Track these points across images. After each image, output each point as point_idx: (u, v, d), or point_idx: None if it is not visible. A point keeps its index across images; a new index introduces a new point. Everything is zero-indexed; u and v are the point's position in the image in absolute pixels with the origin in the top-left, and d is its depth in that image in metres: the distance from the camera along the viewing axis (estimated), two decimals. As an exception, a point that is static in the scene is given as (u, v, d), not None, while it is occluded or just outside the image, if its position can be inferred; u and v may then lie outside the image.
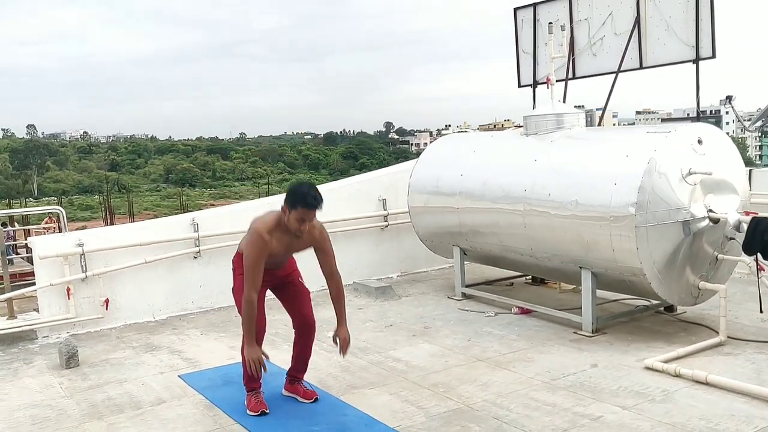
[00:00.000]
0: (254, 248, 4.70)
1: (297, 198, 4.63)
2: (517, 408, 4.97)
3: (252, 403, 5.10)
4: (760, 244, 5.73)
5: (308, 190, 4.67)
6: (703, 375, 5.21)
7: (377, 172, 9.98)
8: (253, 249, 4.70)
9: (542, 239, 6.76)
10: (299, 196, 4.64)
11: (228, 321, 7.70)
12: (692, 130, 6.18)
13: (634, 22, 9.11)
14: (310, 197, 4.64)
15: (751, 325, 6.53)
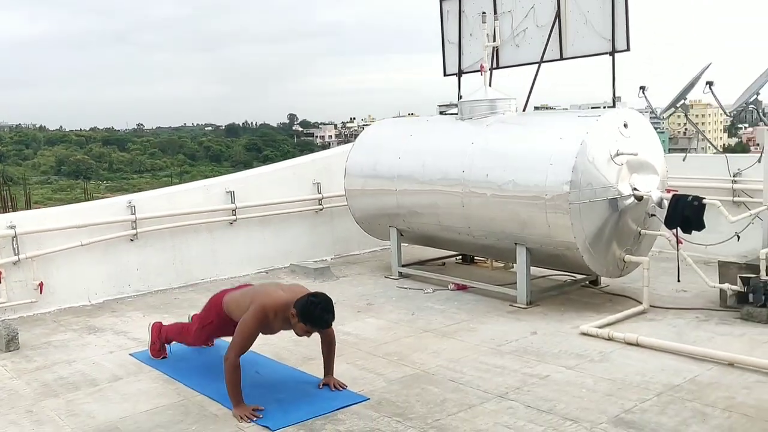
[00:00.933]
0: (255, 323, 4.69)
1: (312, 319, 4.60)
2: (469, 371, 5.30)
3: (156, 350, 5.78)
4: (680, 218, 6.29)
5: (322, 314, 4.63)
6: (634, 337, 5.70)
7: (311, 156, 10.13)
8: (253, 323, 4.68)
9: (479, 218, 7.12)
10: (315, 318, 4.61)
11: (168, 303, 7.68)
12: (619, 114, 6.69)
13: (555, 16, 9.61)
14: (324, 321, 4.66)
15: (667, 296, 7.13)
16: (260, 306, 4.72)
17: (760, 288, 6.07)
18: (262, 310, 4.71)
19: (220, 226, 8.68)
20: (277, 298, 4.77)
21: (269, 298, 4.77)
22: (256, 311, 4.71)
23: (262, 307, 4.72)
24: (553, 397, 4.74)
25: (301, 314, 4.60)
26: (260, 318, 4.70)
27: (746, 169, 8.12)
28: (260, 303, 4.74)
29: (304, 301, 4.63)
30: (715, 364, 5.19)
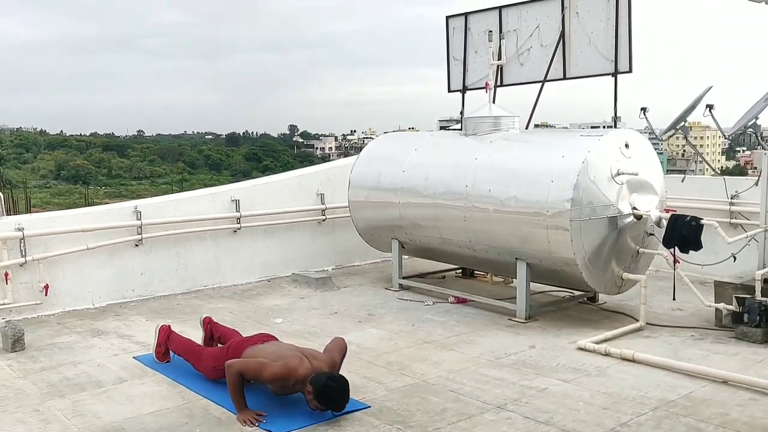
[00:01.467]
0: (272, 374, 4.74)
1: (327, 402, 4.65)
2: (469, 382, 5.39)
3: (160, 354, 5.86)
4: (677, 238, 6.41)
5: (337, 398, 4.66)
6: (630, 353, 5.80)
7: (316, 167, 10.26)
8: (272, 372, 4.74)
9: (481, 232, 7.24)
10: (330, 402, 4.66)
11: (170, 309, 7.77)
12: (621, 134, 6.83)
13: (559, 36, 9.79)
14: (338, 406, 4.70)
15: (663, 314, 7.24)
16: (289, 369, 4.74)
17: (755, 308, 6.18)
18: (288, 373, 4.73)
19: (224, 233, 8.79)
20: (303, 370, 4.75)
21: (300, 368, 4.76)
22: (283, 370, 4.73)
23: (290, 371, 4.73)
24: (550, 409, 4.84)
25: (317, 394, 4.63)
26: (282, 375, 4.74)
27: (744, 192, 8.24)
28: (292, 367, 4.75)
29: (322, 382, 4.64)
30: (710, 381, 5.29)
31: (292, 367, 4.76)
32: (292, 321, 7.22)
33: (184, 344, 5.81)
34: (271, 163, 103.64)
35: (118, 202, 10.46)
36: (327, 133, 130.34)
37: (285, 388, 4.85)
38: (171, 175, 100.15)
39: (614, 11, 9.29)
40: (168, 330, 5.94)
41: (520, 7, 10.30)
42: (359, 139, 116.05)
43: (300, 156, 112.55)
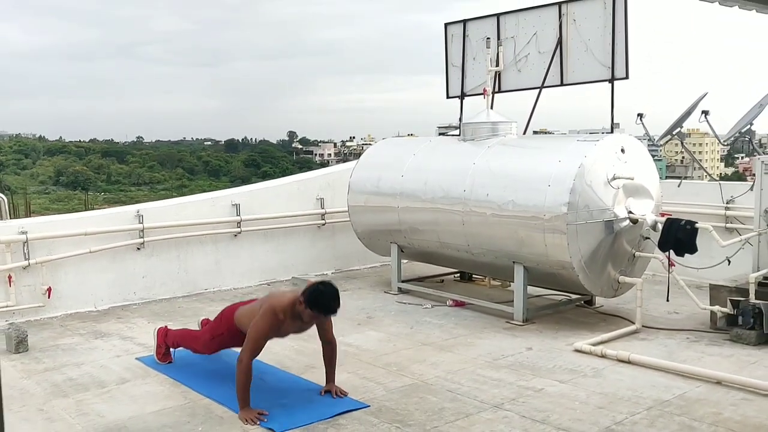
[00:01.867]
0: (266, 324, 4.90)
1: (319, 303, 4.80)
2: (467, 383, 5.48)
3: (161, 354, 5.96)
4: (673, 241, 6.50)
5: (331, 301, 4.83)
6: (626, 354, 5.89)
7: (315, 172, 10.35)
8: (264, 325, 4.90)
9: (479, 236, 7.33)
10: (323, 304, 4.81)
11: (172, 311, 7.84)
12: (617, 139, 6.93)
13: (556, 43, 9.89)
14: (332, 309, 4.87)
15: (659, 317, 7.32)
16: (269, 307, 4.94)
17: (749, 311, 6.27)
18: (272, 311, 4.91)
19: (224, 237, 8.88)
20: (284, 298, 4.99)
21: (277, 300, 4.99)
22: (265, 313, 4.92)
23: (271, 308, 4.93)
24: (546, 408, 4.92)
25: (309, 300, 4.80)
26: (271, 319, 4.90)
27: (739, 197, 8.35)
28: (269, 305, 4.96)
29: (312, 288, 4.85)
30: (704, 382, 5.38)
31: (275, 304, 4.93)
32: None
33: (181, 333, 5.96)
34: (270, 169, 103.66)
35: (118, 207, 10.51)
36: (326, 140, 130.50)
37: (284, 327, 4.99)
38: (170, 181, 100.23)
39: (611, 19, 9.40)
40: (164, 330, 6.04)
41: (517, 14, 10.40)
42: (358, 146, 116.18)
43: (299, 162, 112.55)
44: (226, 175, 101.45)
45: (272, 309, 4.94)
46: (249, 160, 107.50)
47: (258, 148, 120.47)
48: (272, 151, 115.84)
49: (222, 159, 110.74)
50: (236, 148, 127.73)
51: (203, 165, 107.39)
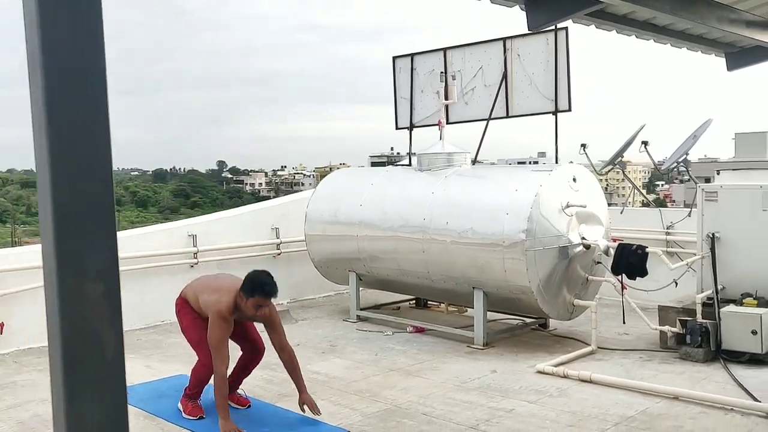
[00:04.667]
0: (219, 330, 5.04)
1: (255, 287, 4.99)
2: (439, 406, 5.63)
3: (189, 407, 5.45)
4: (625, 266, 6.86)
5: (265, 279, 5.05)
6: (588, 374, 6.16)
7: (270, 202, 10.40)
8: (217, 330, 5.04)
9: (439, 263, 7.54)
10: (257, 285, 5.01)
11: (132, 344, 7.73)
12: (569, 169, 7.28)
13: (502, 77, 10.30)
14: (268, 286, 5.04)
15: (611, 338, 7.66)
16: (216, 313, 5.05)
17: (696, 330, 6.65)
18: (220, 317, 5.04)
19: (181, 269, 8.81)
20: (225, 301, 5.08)
21: (221, 305, 5.07)
22: (214, 322, 5.05)
23: (218, 313, 5.05)
24: (520, 428, 5.11)
25: (248, 290, 4.98)
26: (220, 324, 5.04)
27: (678, 222, 8.84)
28: (216, 311, 5.06)
29: (246, 279, 5.06)
30: (662, 398, 5.69)
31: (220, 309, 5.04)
32: (256, 353, 7.29)
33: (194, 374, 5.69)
34: (200, 199, 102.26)
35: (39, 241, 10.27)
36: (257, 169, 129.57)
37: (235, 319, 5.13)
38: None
39: (553, 54, 9.88)
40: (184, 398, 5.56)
41: (464, 49, 10.79)
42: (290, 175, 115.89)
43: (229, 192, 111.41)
44: (154, 206, 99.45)
45: (220, 315, 5.06)
46: (178, 190, 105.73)
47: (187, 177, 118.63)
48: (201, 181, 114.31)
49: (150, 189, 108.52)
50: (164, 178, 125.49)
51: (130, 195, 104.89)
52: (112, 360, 1.40)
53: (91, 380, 1.38)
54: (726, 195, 7.01)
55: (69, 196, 1.34)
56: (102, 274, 1.43)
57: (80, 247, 1.37)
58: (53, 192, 1.32)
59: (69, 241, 1.36)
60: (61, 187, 1.33)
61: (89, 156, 1.36)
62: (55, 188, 1.32)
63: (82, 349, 1.37)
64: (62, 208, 1.33)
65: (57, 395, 1.37)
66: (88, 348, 1.38)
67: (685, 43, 4.81)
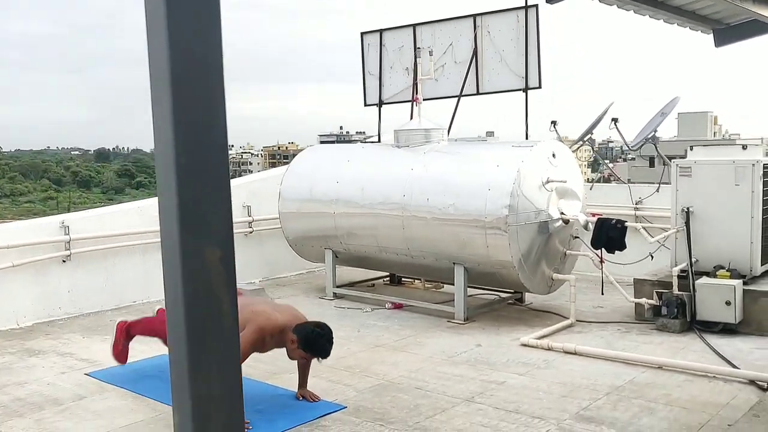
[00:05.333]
0: (250, 342, 4.79)
1: (315, 349, 4.83)
2: (431, 380, 5.66)
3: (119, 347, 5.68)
4: (604, 239, 6.99)
5: (326, 345, 4.89)
6: (572, 346, 6.28)
7: (239, 180, 10.23)
8: (249, 342, 4.78)
9: (420, 239, 7.55)
10: (319, 349, 4.86)
11: (105, 325, 7.51)
12: (549, 145, 7.36)
13: (472, 53, 10.32)
14: (326, 352, 4.93)
15: (586, 311, 7.80)
16: (258, 328, 4.85)
17: (673, 302, 6.84)
18: (260, 332, 4.85)
19: (153, 247, 8.61)
20: (274, 321, 4.92)
21: (268, 322, 4.90)
22: (253, 333, 4.83)
23: (260, 329, 4.85)
24: (515, 399, 5.18)
25: (305, 343, 4.80)
26: (257, 340, 4.85)
27: (647, 198, 9.04)
28: (259, 325, 4.86)
29: (308, 330, 4.84)
30: (647, 367, 5.83)
31: (264, 326, 4.88)
32: (236, 332, 7.21)
33: (144, 324, 5.74)
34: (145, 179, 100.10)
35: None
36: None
37: (269, 345, 4.98)
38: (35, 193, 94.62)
39: (524, 31, 9.94)
40: (125, 323, 5.78)
41: (433, 26, 10.78)
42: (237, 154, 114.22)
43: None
44: (97, 186, 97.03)
45: (261, 330, 4.87)
46: (122, 170, 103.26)
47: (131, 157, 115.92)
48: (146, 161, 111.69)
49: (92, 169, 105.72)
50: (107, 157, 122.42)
51: (72, 176, 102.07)
52: (230, 328, 1.35)
53: (213, 349, 1.32)
54: (700, 170, 7.18)
55: (190, 162, 1.28)
56: (220, 240, 1.36)
57: (202, 213, 1.31)
58: (176, 157, 1.26)
59: (191, 207, 1.29)
60: (183, 154, 1.27)
61: (207, 122, 1.31)
62: (178, 153, 1.26)
63: (204, 317, 1.31)
64: (185, 175, 1.28)
65: (179, 366, 1.31)
66: (209, 316, 1.32)
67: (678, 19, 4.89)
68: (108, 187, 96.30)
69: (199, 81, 1.31)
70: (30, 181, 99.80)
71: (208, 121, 1.32)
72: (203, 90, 1.31)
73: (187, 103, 1.29)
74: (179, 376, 1.32)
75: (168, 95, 1.27)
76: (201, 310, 1.32)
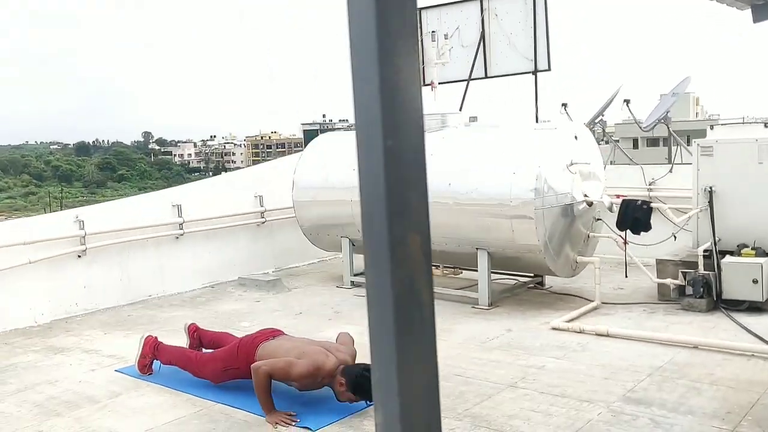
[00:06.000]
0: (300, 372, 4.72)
1: (364, 392, 4.63)
2: (469, 366, 5.62)
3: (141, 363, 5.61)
4: (630, 221, 6.96)
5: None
6: (604, 329, 6.26)
7: (251, 169, 10.15)
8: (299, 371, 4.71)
9: (441, 225, 7.46)
10: (367, 392, 4.57)
11: (123, 321, 7.43)
12: (571, 127, 7.31)
13: (479, 37, 10.25)
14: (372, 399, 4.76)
15: (608, 293, 7.77)
16: (314, 365, 4.72)
17: (699, 281, 6.84)
18: (315, 369, 4.72)
19: (167, 240, 8.49)
20: (329, 366, 4.75)
21: (327, 363, 4.75)
22: (308, 366, 4.71)
23: (316, 368, 4.72)
24: (558, 383, 5.15)
25: (354, 387, 4.64)
26: (307, 373, 4.73)
27: (660, 179, 9.03)
28: (315, 364, 4.73)
29: (357, 373, 4.65)
30: (681, 348, 5.82)
31: (320, 363, 4.76)
32: (260, 324, 7.08)
33: (179, 353, 5.61)
34: (127, 172, 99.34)
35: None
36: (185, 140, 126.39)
37: (312, 384, 4.85)
38: (15, 188, 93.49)
39: (532, 13, 9.88)
40: (155, 341, 5.70)
41: (440, 9, 10.69)
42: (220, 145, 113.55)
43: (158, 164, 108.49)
44: (79, 180, 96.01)
45: (316, 368, 4.73)
46: (103, 164, 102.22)
47: (112, 150, 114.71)
48: (128, 153, 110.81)
49: (73, 163, 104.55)
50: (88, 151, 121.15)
51: (53, 170, 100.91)
52: (429, 319, 1.28)
53: (417, 342, 1.26)
54: (722, 149, 7.17)
55: (395, 145, 1.21)
56: (420, 225, 1.29)
57: (406, 197, 1.24)
58: (384, 139, 1.19)
59: (397, 191, 1.22)
60: (390, 136, 1.20)
61: (410, 101, 1.24)
62: (386, 136, 1.19)
63: (409, 309, 1.24)
64: (391, 158, 1.20)
65: (386, 359, 1.24)
66: (414, 307, 1.25)
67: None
68: (90, 180, 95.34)
69: (400, 58, 1.23)
70: (10, 177, 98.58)
71: (410, 100, 1.24)
72: (405, 67, 1.24)
73: (391, 82, 1.21)
74: (386, 373, 1.25)
75: (376, 74, 1.19)
76: (406, 302, 1.25)
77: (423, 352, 1.28)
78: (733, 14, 5.78)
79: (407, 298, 1.25)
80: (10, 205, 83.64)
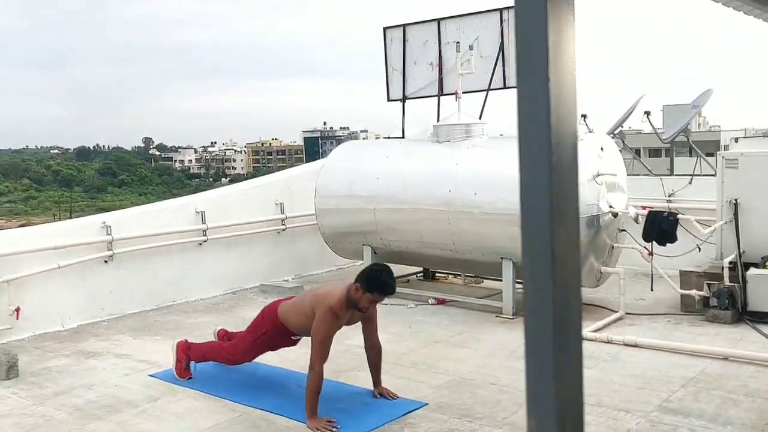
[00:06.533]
0: (328, 325, 4.86)
1: (377, 285, 4.83)
2: (502, 375, 5.67)
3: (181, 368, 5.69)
4: (656, 232, 7.03)
5: (387, 279, 4.89)
6: (633, 339, 6.31)
7: (273, 176, 10.18)
8: (327, 326, 4.85)
9: (466, 234, 7.55)
10: (380, 284, 4.85)
11: (150, 326, 7.47)
12: (596, 139, 7.38)
13: (499, 48, 10.32)
14: (389, 287, 4.90)
15: (630, 303, 7.81)
16: (328, 309, 4.89)
17: (724, 292, 6.90)
18: (332, 312, 4.88)
19: (190, 246, 8.54)
20: (337, 294, 4.96)
21: (332, 298, 4.94)
22: (325, 316, 4.87)
23: (330, 309, 4.89)
24: (593, 393, 5.19)
25: (367, 283, 4.85)
26: (332, 321, 4.89)
27: (679, 191, 9.10)
28: (327, 307, 4.89)
29: (366, 271, 4.94)
30: (712, 359, 5.88)
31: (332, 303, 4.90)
32: (287, 330, 7.17)
33: (209, 346, 5.77)
34: (127, 177, 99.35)
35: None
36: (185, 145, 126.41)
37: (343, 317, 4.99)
38: (16, 192, 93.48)
39: (551, 25, 9.95)
40: (185, 343, 5.78)
41: (459, 20, 10.74)
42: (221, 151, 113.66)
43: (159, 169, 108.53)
44: (79, 185, 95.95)
45: (331, 310, 4.90)
46: (104, 169, 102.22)
47: (113, 155, 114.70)
48: (128, 159, 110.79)
49: (73, 168, 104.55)
50: (88, 156, 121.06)
51: (53, 175, 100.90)
52: (576, 328, 1.34)
53: (568, 349, 1.31)
54: (746, 162, 7.24)
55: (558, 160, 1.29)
56: (573, 234, 1.36)
57: (564, 208, 1.31)
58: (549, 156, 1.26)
59: (560, 203, 1.29)
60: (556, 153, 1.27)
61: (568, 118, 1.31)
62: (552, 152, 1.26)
63: (563, 316, 1.30)
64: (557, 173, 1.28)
65: (542, 371, 1.30)
66: (566, 314, 1.31)
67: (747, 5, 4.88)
68: (90, 185, 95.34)
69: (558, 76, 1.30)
70: (10, 181, 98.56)
71: (568, 117, 1.31)
72: (563, 84, 1.30)
73: (558, 98, 1.28)
74: (543, 379, 1.31)
75: (544, 92, 1.26)
76: (561, 309, 1.31)
77: (572, 361, 1.34)
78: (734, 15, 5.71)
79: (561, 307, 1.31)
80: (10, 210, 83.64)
